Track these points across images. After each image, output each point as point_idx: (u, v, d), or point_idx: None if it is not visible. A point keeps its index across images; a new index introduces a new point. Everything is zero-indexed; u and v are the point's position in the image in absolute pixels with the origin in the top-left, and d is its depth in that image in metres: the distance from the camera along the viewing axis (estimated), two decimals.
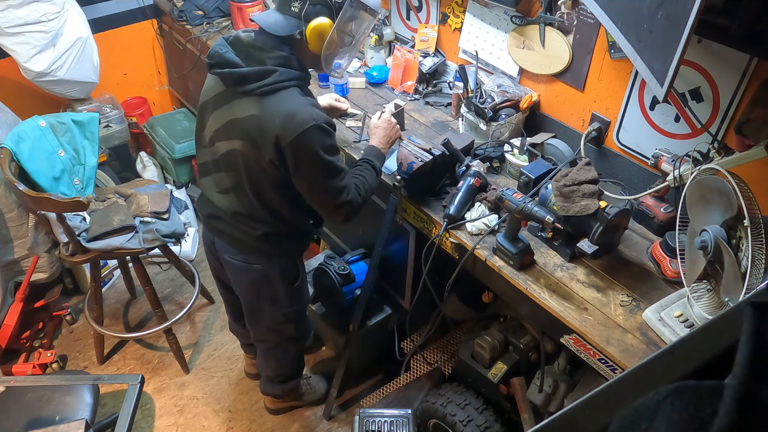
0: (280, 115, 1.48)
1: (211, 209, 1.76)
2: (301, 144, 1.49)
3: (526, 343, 2.07)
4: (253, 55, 1.52)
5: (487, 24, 2.18)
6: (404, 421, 2.01)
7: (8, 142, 2.12)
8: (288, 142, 1.48)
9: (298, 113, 1.49)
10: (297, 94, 1.54)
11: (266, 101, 1.50)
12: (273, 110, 1.49)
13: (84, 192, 2.41)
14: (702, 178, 1.33)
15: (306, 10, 1.50)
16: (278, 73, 1.50)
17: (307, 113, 1.50)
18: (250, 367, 2.56)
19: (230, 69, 1.51)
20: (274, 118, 1.48)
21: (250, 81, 1.50)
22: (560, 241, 1.68)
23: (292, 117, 1.48)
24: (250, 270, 1.82)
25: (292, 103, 1.51)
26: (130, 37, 3.36)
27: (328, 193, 1.60)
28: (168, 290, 2.99)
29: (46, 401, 1.94)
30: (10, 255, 2.50)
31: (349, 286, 2.23)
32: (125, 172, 3.40)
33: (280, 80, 1.50)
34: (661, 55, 1.32)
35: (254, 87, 1.50)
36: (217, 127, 1.61)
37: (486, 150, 1.99)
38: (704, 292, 1.40)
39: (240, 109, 1.54)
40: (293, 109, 1.49)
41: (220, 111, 1.60)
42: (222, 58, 1.53)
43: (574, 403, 0.50)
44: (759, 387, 0.37)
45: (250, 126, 1.52)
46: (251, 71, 1.50)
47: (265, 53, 1.51)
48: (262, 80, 1.49)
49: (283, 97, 1.51)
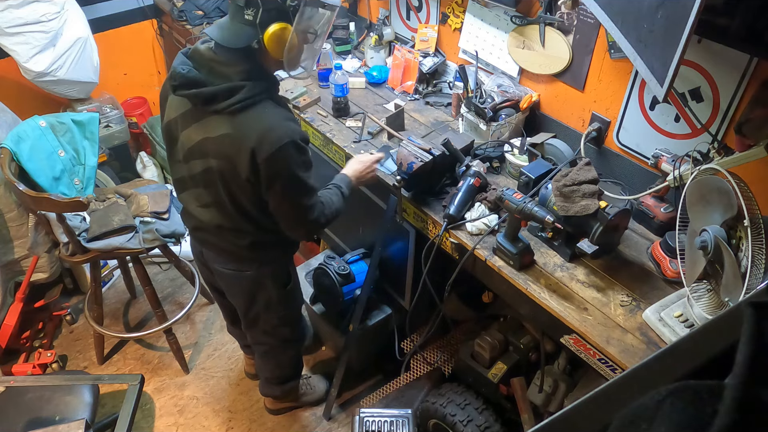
0: (256, 131, 1.44)
1: (195, 222, 1.74)
2: (276, 161, 1.46)
3: (526, 343, 2.07)
4: (216, 71, 1.46)
5: (487, 24, 2.18)
6: (404, 421, 2.01)
7: (8, 142, 2.12)
8: (263, 158, 1.45)
9: (274, 129, 1.45)
10: (270, 107, 1.50)
11: (239, 119, 1.46)
12: (247, 127, 1.45)
13: (84, 192, 2.41)
14: (702, 178, 1.33)
15: (260, 17, 1.42)
16: (246, 88, 1.45)
17: (282, 129, 1.46)
18: (250, 367, 2.57)
19: (196, 90, 1.46)
20: (249, 135, 1.45)
21: (219, 100, 1.45)
22: (560, 241, 1.68)
23: (267, 133, 1.44)
24: (242, 277, 1.81)
25: (267, 118, 1.47)
26: (130, 37, 3.36)
27: (297, 209, 1.59)
28: (168, 290, 2.99)
29: (46, 401, 1.94)
30: (10, 255, 2.50)
31: (349, 286, 2.23)
32: (125, 172, 3.40)
33: (250, 95, 1.45)
34: (661, 55, 1.32)
35: (224, 106, 1.45)
36: (190, 146, 1.56)
37: (486, 150, 1.99)
38: (704, 292, 1.40)
39: (212, 128, 1.49)
40: (268, 125, 1.46)
41: (191, 130, 1.55)
42: (185, 78, 1.46)
43: (574, 403, 0.50)
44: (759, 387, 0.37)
45: (223, 145, 1.48)
46: (218, 90, 1.44)
47: (229, 68, 1.46)
48: (231, 98, 1.44)
49: (257, 112, 1.47)
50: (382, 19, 2.55)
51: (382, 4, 2.59)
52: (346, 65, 2.53)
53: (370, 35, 2.52)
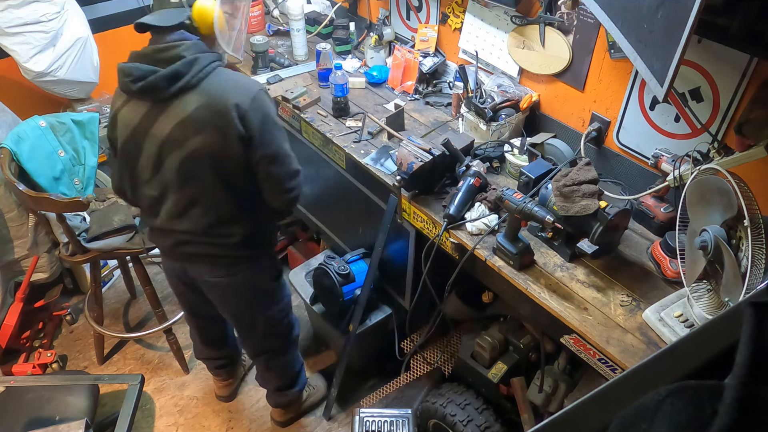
0: (229, 87, 1.52)
1: (176, 237, 1.70)
2: (258, 106, 1.54)
3: (526, 343, 2.07)
4: (164, 58, 1.49)
5: (487, 24, 2.18)
6: (404, 421, 2.01)
7: (8, 142, 2.12)
8: (248, 105, 1.51)
9: (242, 81, 1.56)
10: (228, 71, 1.58)
11: (206, 85, 1.51)
12: (219, 88, 1.51)
13: (84, 192, 2.41)
14: (702, 178, 1.33)
15: None
16: (202, 58, 1.51)
17: (248, 81, 1.58)
18: (222, 390, 2.48)
19: (156, 75, 1.47)
20: (224, 94, 1.51)
21: (182, 75, 1.48)
22: (560, 241, 1.68)
23: (238, 85, 1.54)
24: (234, 282, 1.80)
25: (230, 75, 1.56)
26: (130, 37, 3.34)
27: (287, 158, 1.64)
28: (168, 290, 2.98)
29: (46, 401, 1.94)
30: (10, 255, 2.50)
31: (349, 286, 2.23)
32: None
33: (208, 63, 1.52)
34: (661, 55, 1.32)
35: (189, 77, 1.48)
36: (161, 143, 1.55)
37: (486, 150, 1.99)
38: (704, 292, 1.40)
39: (181, 109, 1.51)
40: (235, 79, 1.56)
41: (156, 126, 1.54)
42: (140, 70, 1.49)
43: (574, 403, 0.50)
44: (759, 387, 0.37)
45: (203, 116, 1.50)
46: (176, 67, 1.47)
47: (176, 49, 1.49)
48: (192, 69, 1.48)
49: (218, 75, 1.54)
50: (382, 19, 2.55)
51: (382, 4, 2.59)
52: (346, 65, 2.52)
53: (370, 35, 2.52)
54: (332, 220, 2.55)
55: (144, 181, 1.64)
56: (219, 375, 2.43)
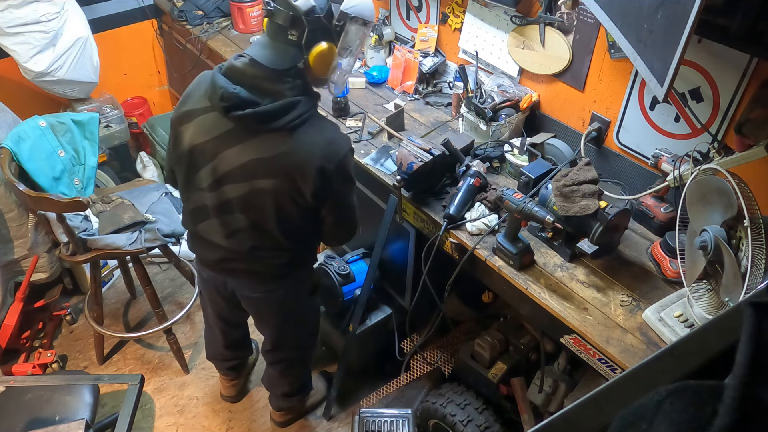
0: (320, 146, 1.46)
1: (221, 254, 1.67)
2: (342, 169, 1.52)
3: (526, 343, 2.07)
4: (263, 88, 1.42)
5: (487, 24, 2.18)
6: (404, 421, 2.01)
7: (8, 142, 2.12)
8: (332, 169, 1.48)
9: (336, 140, 1.51)
10: (323, 120, 1.54)
11: (298, 135, 1.44)
12: (309, 143, 1.45)
13: (84, 192, 2.41)
14: (702, 178, 1.33)
15: (306, 38, 1.41)
16: (302, 103, 1.44)
17: (342, 139, 1.53)
18: (228, 390, 2.47)
19: (252, 109, 1.40)
20: (313, 150, 1.45)
21: (278, 117, 1.42)
22: (560, 241, 1.68)
23: (331, 146, 1.48)
24: (275, 297, 1.80)
25: (326, 130, 1.51)
26: (130, 37, 3.36)
27: (350, 210, 1.66)
28: (168, 290, 2.99)
29: (46, 401, 1.93)
30: (10, 255, 2.49)
31: (349, 286, 2.23)
32: (125, 172, 3.40)
33: (305, 110, 1.45)
34: (661, 55, 1.32)
35: (284, 123, 1.42)
36: (229, 169, 1.49)
37: (486, 150, 1.99)
38: (704, 292, 1.40)
39: (266, 147, 1.45)
40: (330, 137, 1.50)
41: (230, 152, 1.47)
42: (239, 98, 1.40)
43: (574, 403, 0.50)
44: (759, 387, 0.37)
45: (284, 163, 1.45)
46: (276, 107, 1.41)
47: (281, 85, 1.43)
48: (289, 114, 1.42)
49: (315, 126, 1.48)
50: (382, 19, 2.55)
51: (382, 4, 2.59)
52: None
53: (370, 35, 2.52)
54: None
55: (198, 188, 1.59)
56: (228, 375, 2.43)
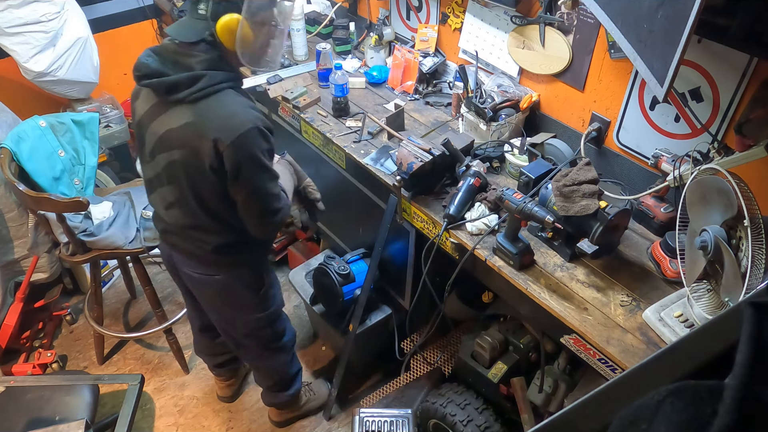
0: (218, 118, 1.45)
1: (163, 225, 1.73)
2: (241, 146, 1.46)
3: (526, 343, 2.07)
4: (179, 62, 1.48)
5: (487, 24, 2.18)
6: (404, 421, 2.01)
7: (8, 142, 2.12)
8: (227, 144, 1.44)
9: (237, 115, 1.46)
10: (232, 95, 1.51)
11: (200, 106, 1.47)
12: (209, 114, 1.46)
13: (84, 192, 2.41)
14: (702, 178, 1.33)
15: (211, 9, 1.45)
16: (208, 77, 1.46)
17: (245, 115, 1.47)
18: (223, 391, 2.49)
19: (158, 79, 1.47)
20: (211, 122, 1.45)
21: (181, 88, 1.46)
22: (560, 241, 1.68)
23: (230, 119, 1.45)
24: (212, 282, 1.78)
25: (229, 105, 1.48)
26: (130, 37, 3.36)
27: (266, 198, 1.58)
28: (168, 290, 2.99)
29: (46, 401, 1.94)
30: (10, 255, 2.50)
31: (349, 286, 2.23)
32: (125, 172, 3.40)
33: (212, 84, 1.47)
34: (661, 55, 1.32)
35: (186, 94, 1.46)
36: (155, 141, 1.56)
37: (486, 150, 1.99)
38: (704, 292, 1.40)
39: (174, 119, 1.50)
40: (231, 111, 1.47)
41: (155, 123, 1.55)
42: (149, 68, 1.48)
43: (574, 403, 0.50)
44: (759, 387, 0.37)
45: (186, 134, 1.48)
46: (180, 78, 1.46)
47: (191, 58, 1.47)
48: (193, 86, 1.46)
49: (219, 99, 1.48)
50: (382, 19, 2.55)
51: (382, 4, 2.59)
52: (346, 65, 2.52)
53: (370, 35, 2.52)
54: (332, 220, 2.55)
55: (145, 161, 1.66)
56: (220, 375, 2.43)
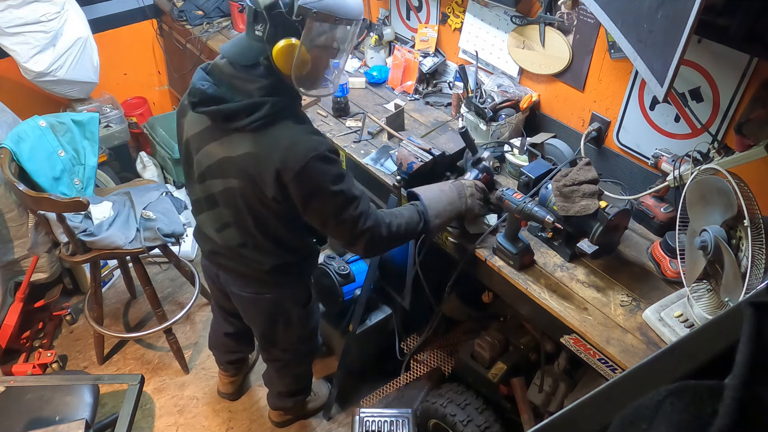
0: (279, 150, 1.39)
1: (212, 246, 1.69)
2: (305, 178, 1.40)
3: (526, 343, 2.07)
4: (237, 87, 1.41)
5: (487, 24, 2.18)
6: (404, 421, 2.01)
7: (8, 142, 2.12)
8: (291, 177, 1.39)
9: (297, 145, 1.39)
10: (291, 123, 1.43)
11: (261, 136, 1.41)
12: (270, 145, 1.40)
13: (84, 192, 2.41)
14: (702, 178, 1.33)
15: (268, 33, 1.36)
16: (268, 104, 1.39)
17: (306, 144, 1.40)
18: (226, 387, 2.48)
19: (217, 106, 1.41)
20: (272, 154, 1.39)
21: (241, 117, 1.40)
22: (560, 241, 1.68)
23: (291, 150, 1.39)
24: (261, 300, 1.78)
25: (290, 134, 1.41)
26: (130, 37, 3.36)
27: (344, 224, 1.49)
28: (168, 290, 2.99)
29: (46, 401, 1.93)
30: (10, 255, 2.50)
31: (349, 286, 2.23)
32: (125, 172, 3.40)
33: (272, 112, 1.40)
34: (661, 55, 1.32)
35: (246, 123, 1.40)
36: (209, 164, 1.52)
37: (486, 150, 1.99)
38: (704, 292, 1.40)
39: (233, 147, 1.44)
40: (291, 141, 1.40)
41: (209, 148, 1.50)
42: (205, 95, 1.41)
43: (574, 403, 0.50)
44: (759, 387, 0.37)
45: (246, 164, 1.43)
46: (240, 106, 1.39)
47: (250, 84, 1.40)
48: (253, 114, 1.39)
49: (279, 129, 1.41)
50: (382, 19, 2.55)
51: (382, 4, 2.59)
52: (346, 65, 2.52)
53: (370, 35, 2.52)
54: None
55: (192, 180, 1.63)
56: (227, 371, 2.43)
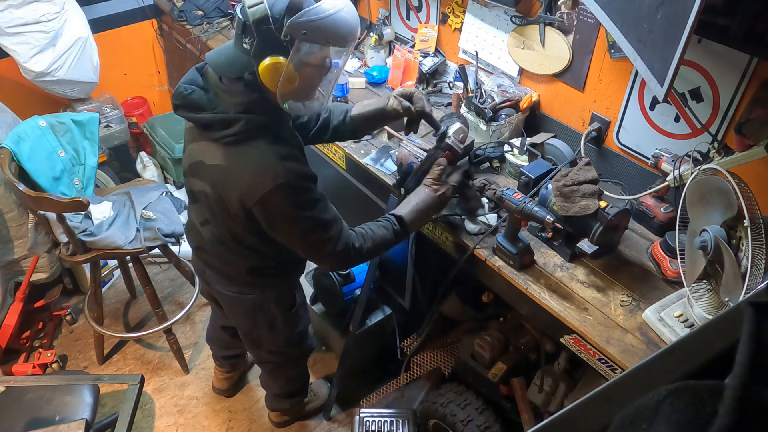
0: (245, 173, 1.38)
1: (198, 241, 1.70)
2: (267, 204, 1.39)
3: (526, 343, 2.07)
4: (220, 98, 1.40)
5: (487, 24, 2.18)
6: (404, 421, 2.01)
7: (8, 142, 2.12)
8: (254, 203, 1.39)
9: (264, 172, 1.36)
10: (264, 144, 1.39)
11: (231, 153, 1.40)
12: (238, 164, 1.39)
13: (84, 192, 2.41)
14: (702, 178, 1.33)
15: (255, 48, 1.31)
16: (242, 122, 1.36)
17: (273, 171, 1.36)
18: (221, 383, 2.48)
19: (194, 114, 1.41)
20: (237, 176, 1.39)
21: (216, 129, 1.39)
22: (560, 241, 1.68)
23: (256, 176, 1.37)
24: (244, 300, 1.76)
25: (258, 157, 1.38)
26: (130, 37, 3.36)
27: (311, 247, 1.50)
28: (168, 290, 2.99)
29: (46, 401, 1.93)
30: (10, 255, 2.50)
31: (349, 286, 2.23)
32: (125, 172, 3.40)
33: (245, 130, 1.37)
34: (661, 55, 1.32)
35: (219, 136, 1.39)
36: (191, 162, 1.54)
37: (486, 150, 1.99)
38: (704, 292, 1.40)
39: (208, 155, 1.44)
40: (258, 165, 1.37)
41: (193, 146, 1.52)
42: (186, 100, 1.40)
43: (574, 403, 0.50)
44: (759, 387, 0.37)
45: (215, 177, 1.44)
46: (214, 119, 1.38)
47: (231, 97, 1.38)
48: (227, 129, 1.37)
49: (250, 148, 1.38)
50: (382, 19, 2.55)
51: (382, 4, 2.59)
52: (346, 65, 2.52)
53: (370, 35, 2.52)
54: None
55: (185, 173, 1.63)
56: (222, 366, 2.42)
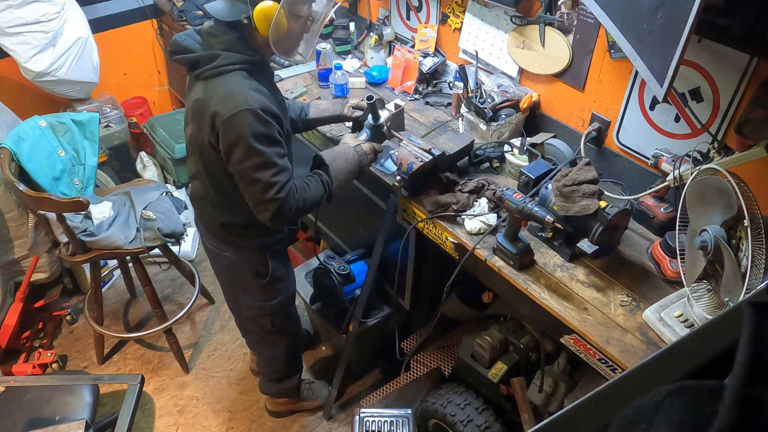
0: (218, 96, 1.52)
1: (192, 196, 1.86)
2: (232, 125, 1.50)
3: (526, 343, 2.07)
4: (208, 42, 1.58)
5: (487, 24, 2.17)
6: (404, 421, 2.01)
7: (8, 142, 2.12)
8: (221, 121, 1.50)
9: (234, 95, 1.51)
10: (240, 77, 1.54)
11: (210, 84, 1.55)
12: (213, 91, 1.53)
13: (84, 192, 2.41)
14: (702, 178, 1.33)
15: None
16: (222, 56, 1.53)
17: (242, 95, 1.50)
18: (254, 363, 2.58)
19: (184, 55, 1.58)
20: (212, 98, 1.52)
21: (200, 65, 1.56)
22: (560, 241, 1.68)
23: (227, 98, 1.51)
24: (221, 256, 1.88)
25: (232, 84, 1.53)
26: (130, 37, 3.36)
27: (256, 184, 1.56)
28: (168, 290, 2.99)
29: (46, 401, 1.94)
30: (10, 255, 2.50)
31: (349, 286, 2.23)
32: (125, 172, 3.41)
33: (224, 63, 1.53)
34: (661, 55, 1.32)
35: (202, 71, 1.56)
36: (185, 112, 1.69)
37: (486, 150, 1.99)
38: (704, 292, 1.40)
39: (193, 94, 1.61)
40: (230, 90, 1.52)
41: (187, 98, 1.67)
42: (178, 46, 1.60)
43: (574, 403, 0.50)
44: (759, 387, 0.37)
45: (196, 109, 1.58)
46: (200, 56, 1.56)
47: (214, 39, 1.56)
48: (208, 63, 1.54)
49: (225, 79, 1.54)
50: (382, 19, 2.55)
51: (382, 4, 2.59)
52: (346, 65, 2.52)
53: (370, 35, 2.52)
54: (332, 220, 2.55)
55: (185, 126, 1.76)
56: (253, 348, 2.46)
